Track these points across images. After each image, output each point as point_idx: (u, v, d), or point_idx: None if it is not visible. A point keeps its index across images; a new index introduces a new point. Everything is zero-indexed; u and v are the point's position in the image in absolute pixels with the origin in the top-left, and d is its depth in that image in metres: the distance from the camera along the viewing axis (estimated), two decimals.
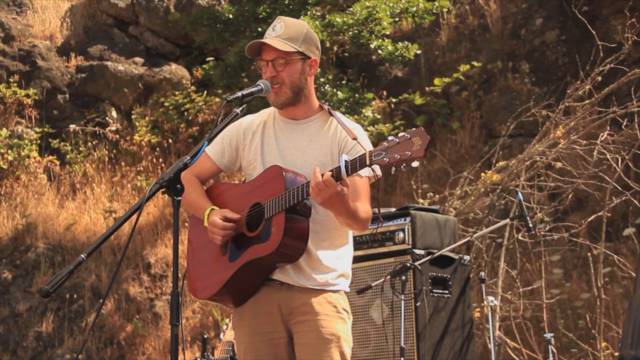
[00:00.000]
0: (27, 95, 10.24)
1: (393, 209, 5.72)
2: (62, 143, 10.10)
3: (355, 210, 3.14)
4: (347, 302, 3.36)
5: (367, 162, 2.91)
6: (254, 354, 3.28)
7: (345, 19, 9.07)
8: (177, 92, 10.54)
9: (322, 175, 3.01)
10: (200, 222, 3.40)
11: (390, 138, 2.89)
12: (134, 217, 2.76)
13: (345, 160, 2.97)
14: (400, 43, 9.27)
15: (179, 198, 2.80)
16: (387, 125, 9.42)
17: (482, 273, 5.31)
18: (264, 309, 3.28)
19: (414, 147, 2.81)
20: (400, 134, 2.87)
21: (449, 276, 5.39)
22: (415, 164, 2.82)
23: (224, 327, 5.30)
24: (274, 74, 3.27)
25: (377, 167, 3.09)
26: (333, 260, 3.31)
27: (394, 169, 2.86)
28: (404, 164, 2.83)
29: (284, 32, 3.29)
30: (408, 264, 4.90)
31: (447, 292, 5.36)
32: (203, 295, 3.41)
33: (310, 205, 3.18)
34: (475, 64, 9.65)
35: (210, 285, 3.35)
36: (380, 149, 2.88)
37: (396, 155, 2.83)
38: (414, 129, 2.86)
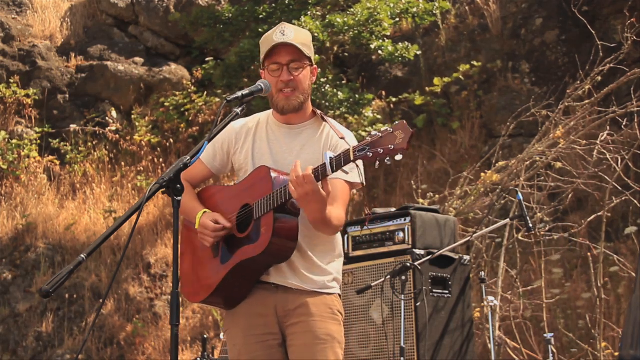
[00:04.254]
0: (27, 95, 10.23)
1: (393, 209, 5.72)
2: (62, 143, 10.09)
3: (329, 215, 3.13)
4: (341, 305, 3.37)
5: (352, 158, 2.91)
6: (249, 355, 3.26)
7: (345, 19, 9.07)
8: (177, 92, 10.53)
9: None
10: (191, 227, 3.39)
11: (373, 133, 2.89)
12: (134, 217, 2.76)
13: (330, 157, 2.96)
14: (400, 44, 9.28)
15: (179, 198, 2.79)
16: (386, 125, 9.42)
17: (482, 273, 5.30)
18: (258, 311, 3.26)
19: (397, 141, 2.82)
20: (383, 128, 2.88)
21: (449, 276, 5.39)
22: (398, 157, 2.83)
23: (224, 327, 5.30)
24: (290, 78, 3.25)
25: (361, 175, 3.15)
26: (327, 264, 3.31)
27: (377, 163, 2.86)
28: (388, 157, 2.84)
29: (295, 37, 3.26)
30: (408, 264, 4.90)
31: (447, 292, 5.36)
32: (196, 299, 3.40)
33: (298, 204, 3.17)
34: (475, 63, 9.65)
35: (202, 288, 3.33)
36: (364, 144, 2.89)
37: (379, 150, 2.84)
38: (397, 122, 2.87)
